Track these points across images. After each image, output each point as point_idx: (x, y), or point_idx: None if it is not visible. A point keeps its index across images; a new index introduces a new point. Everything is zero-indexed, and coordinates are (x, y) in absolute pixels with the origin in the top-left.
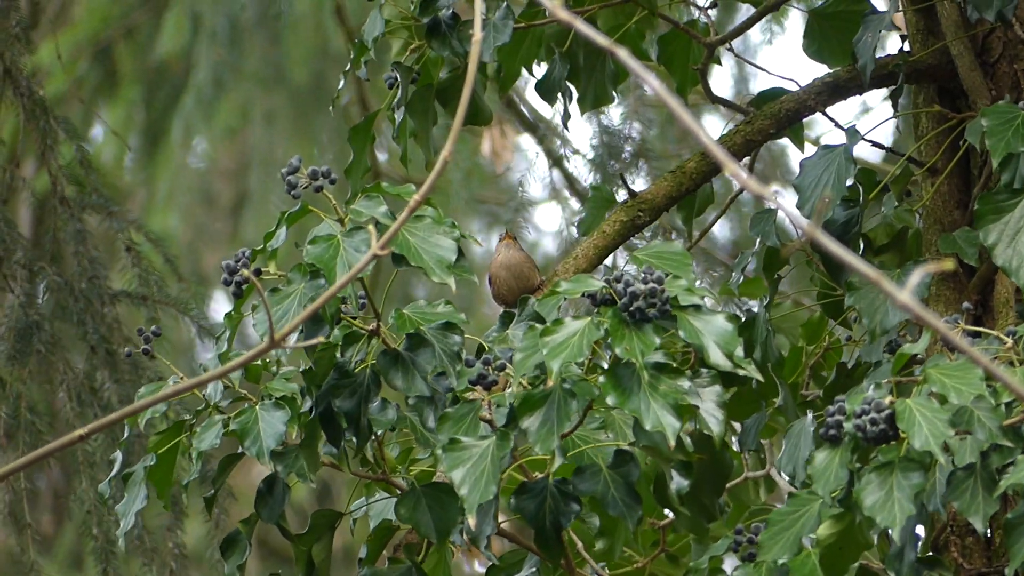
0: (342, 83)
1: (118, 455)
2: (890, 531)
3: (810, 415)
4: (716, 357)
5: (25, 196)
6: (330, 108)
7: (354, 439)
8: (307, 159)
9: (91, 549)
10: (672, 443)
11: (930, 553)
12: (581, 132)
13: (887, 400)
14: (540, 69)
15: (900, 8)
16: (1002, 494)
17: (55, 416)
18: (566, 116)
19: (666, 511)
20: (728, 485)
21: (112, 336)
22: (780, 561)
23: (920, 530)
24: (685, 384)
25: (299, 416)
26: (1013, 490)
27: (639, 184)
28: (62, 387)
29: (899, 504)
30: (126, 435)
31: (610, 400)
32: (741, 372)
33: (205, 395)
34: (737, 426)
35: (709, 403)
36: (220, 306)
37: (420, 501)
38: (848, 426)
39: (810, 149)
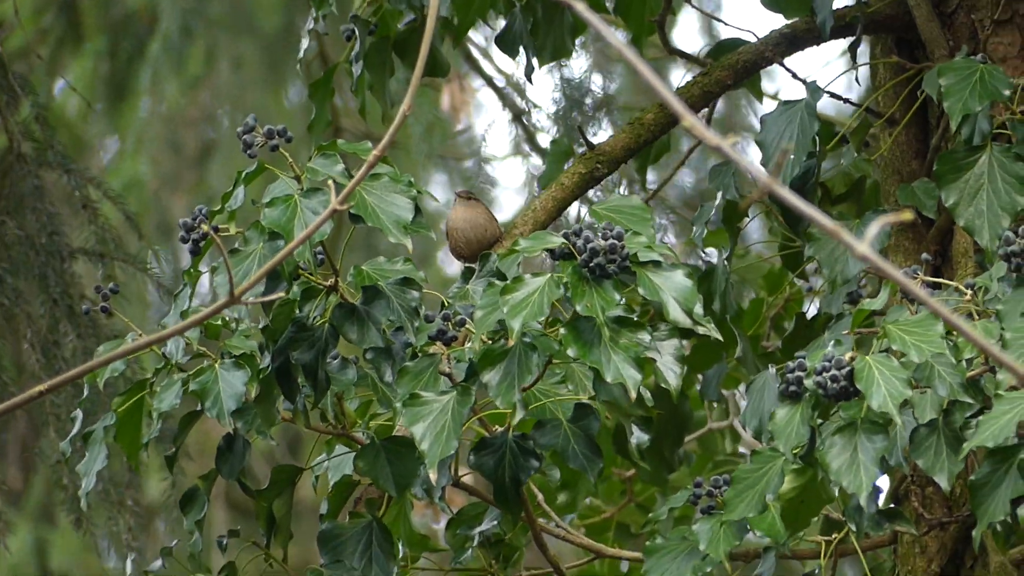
0: (305, 42)
1: (78, 413)
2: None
3: (772, 369)
4: (675, 314)
5: None
6: (297, 67)
7: (312, 393)
8: (276, 107)
9: (60, 500)
10: (633, 395)
11: (891, 505)
12: (543, 86)
13: (847, 356)
14: (497, 23)
15: None
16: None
17: (21, 369)
18: (529, 69)
19: None
20: (695, 435)
21: (72, 293)
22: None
23: (882, 481)
24: (646, 338)
25: (258, 373)
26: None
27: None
28: (26, 340)
29: (864, 468)
30: (86, 394)
31: (571, 352)
32: (700, 330)
33: (166, 353)
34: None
35: (667, 356)
36: (187, 256)
37: (379, 455)
38: (809, 383)
39: (769, 103)
